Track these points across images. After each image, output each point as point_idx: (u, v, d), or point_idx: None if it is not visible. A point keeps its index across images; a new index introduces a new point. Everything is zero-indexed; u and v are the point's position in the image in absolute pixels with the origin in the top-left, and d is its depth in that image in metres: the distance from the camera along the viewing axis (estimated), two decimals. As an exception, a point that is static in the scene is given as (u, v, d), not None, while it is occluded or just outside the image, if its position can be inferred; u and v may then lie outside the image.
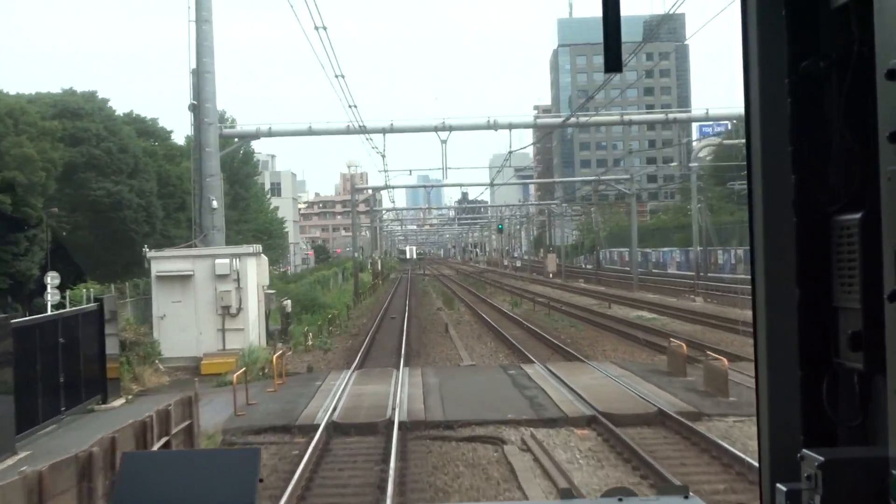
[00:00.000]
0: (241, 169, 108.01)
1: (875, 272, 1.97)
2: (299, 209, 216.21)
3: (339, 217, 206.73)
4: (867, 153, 2.03)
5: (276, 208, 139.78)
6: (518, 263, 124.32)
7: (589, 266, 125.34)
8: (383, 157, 40.73)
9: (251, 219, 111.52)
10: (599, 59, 2.38)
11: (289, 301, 43.10)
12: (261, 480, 2.80)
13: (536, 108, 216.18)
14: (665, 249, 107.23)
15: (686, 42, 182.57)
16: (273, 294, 40.40)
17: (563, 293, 70.53)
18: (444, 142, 42.40)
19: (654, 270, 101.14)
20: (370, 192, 78.76)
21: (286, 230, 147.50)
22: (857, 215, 2.08)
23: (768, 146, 2.26)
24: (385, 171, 53.74)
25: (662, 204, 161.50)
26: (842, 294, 2.14)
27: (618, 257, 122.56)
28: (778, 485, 2.16)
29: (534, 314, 51.72)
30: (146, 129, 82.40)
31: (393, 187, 72.53)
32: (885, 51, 1.89)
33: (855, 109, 2.10)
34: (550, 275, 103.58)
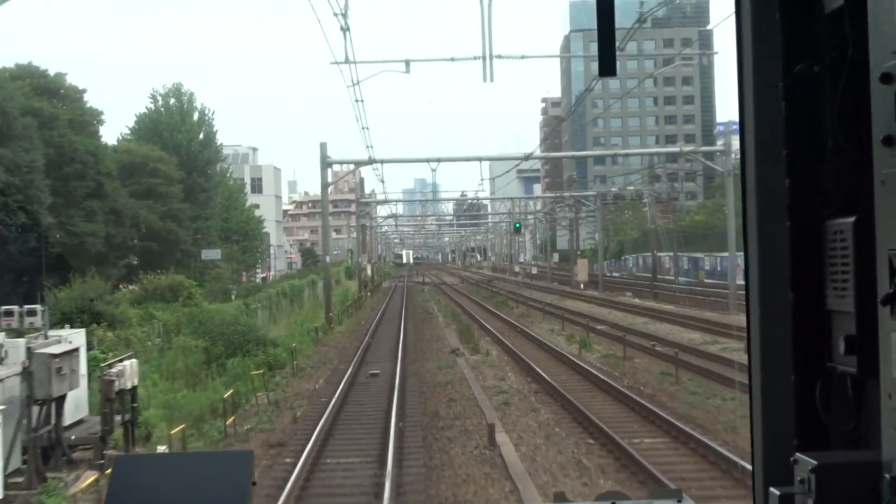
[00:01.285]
0: (199, 154, 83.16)
1: (868, 276, 1.89)
2: (286, 209, 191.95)
3: (329, 217, 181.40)
4: (861, 157, 1.96)
5: (255, 206, 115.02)
6: (534, 270, 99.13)
7: (616, 274, 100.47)
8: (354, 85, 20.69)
9: (214, 215, 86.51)
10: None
11: (129, 364, 17.83)
12: (254, 483, 2.55)
13: (545, 100, 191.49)
14: (724, 255, 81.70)
15: (710, 27, 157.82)
16: (63, 355, 15.33)
17: (624, 316, 45.59)
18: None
19: (706, 280, 75.91)
20: (350, 167, 53.19)
21: (265, 230, 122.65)
22: (851, 219, 2.00)
23: (762, 149, 2.17)
24: (358, 96, 34.96)
25: (691, 203, 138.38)
26: (835, 298, 2.05)
27: (655, 263, 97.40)
28: (771, 489, 2.05)
29: (629, 367, 26.81)
30: (47, 87, 57.70)
31: (382, 161, 47.54)
32: (878, 54, 1.82)
33: (849, 113, 2.01)
34: (581, 285, 78.64)
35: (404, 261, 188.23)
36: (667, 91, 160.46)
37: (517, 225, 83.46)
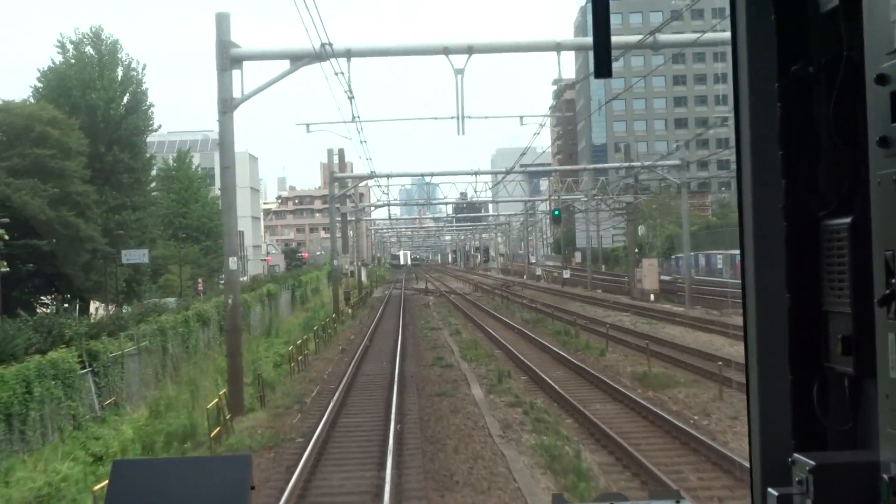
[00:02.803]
0: (122, 121, 57.36)
1: (865, 277, 1.83)
2: (269, 207, 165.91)
3: (317, 215, 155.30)
4: (856, 157, 1.90)
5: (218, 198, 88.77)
6: (566, 273, 73.03)
7: (665, 277, 74.41)
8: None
9: (146, 204, 60.64)
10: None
11: None
12: (252, 487, 2.43)
13: (556, 82, 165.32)
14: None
15: None
16: None
17: None
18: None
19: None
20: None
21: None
22: (847, 220, 1.93)
23: (758, 150, 2.10)
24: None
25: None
26: (832, 299, 1.98)
27: (724, 263, 71.37)
28: (770, 489, 1.97)
29: None
30: None
31: (349, 55, 21.14)
32: (874, 55, 1.76)
33: (844, 114, 1.94)
34: (651, 296, 52.76)
35: (402, 262, 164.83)
36: (697, 69, 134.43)
37: (556, 212, 57.42)
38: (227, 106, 20.91)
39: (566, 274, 70.86)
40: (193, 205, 79.42)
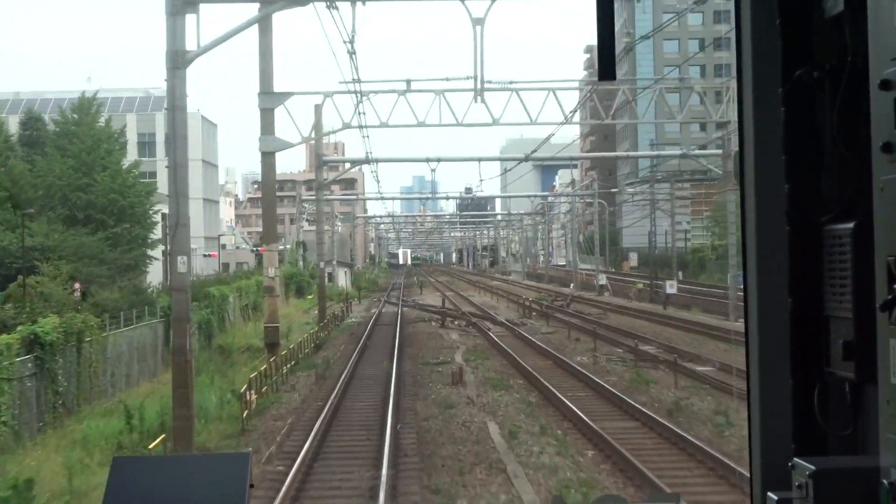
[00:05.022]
0: None
1: (867, 282, 1.80)
2: (244, 195, 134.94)
3: (304, 206, 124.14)
4: (860, 163, 1.86)
5: (138, 167, 60.32)
6: (670, 287, 41.80)
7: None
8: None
9: None
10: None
11: None
12: (251, 486, 2.37)
13: (590, 50, 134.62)
14: None
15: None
16: None
17: None
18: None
19: None
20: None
21: (161, 210, 64.63)
22: (850, 225, 1.90)
23: (761, 155, 2.06)
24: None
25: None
26: (833, 304, 1.95)
27: None
28: (769, 493, 1.95)
29: None
30: None
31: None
32: (879, 61, 1.75)
33: (848, 119, 1.91)
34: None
35: (401, 261, 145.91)
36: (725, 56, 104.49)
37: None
38: (178, 60, 16.84)
39: (671, 288, 39.75)
40: (99, 174, 51.37)
